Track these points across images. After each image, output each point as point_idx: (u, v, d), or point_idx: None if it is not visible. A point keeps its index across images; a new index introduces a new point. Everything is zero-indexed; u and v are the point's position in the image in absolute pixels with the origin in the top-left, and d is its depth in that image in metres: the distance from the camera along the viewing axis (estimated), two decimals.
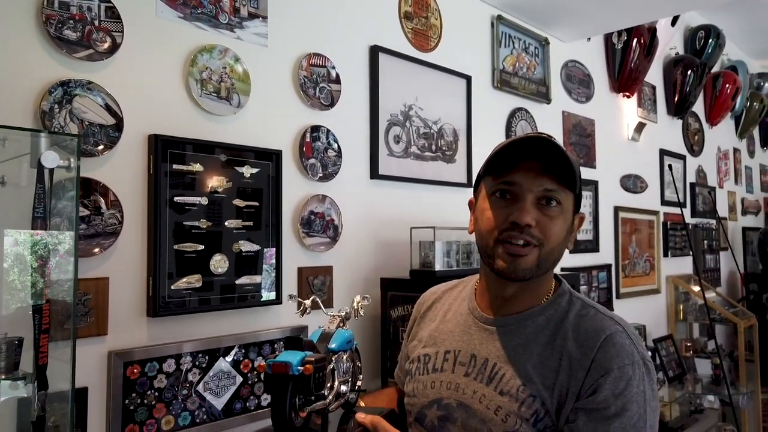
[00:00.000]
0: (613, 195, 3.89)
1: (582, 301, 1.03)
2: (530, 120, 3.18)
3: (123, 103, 1.60)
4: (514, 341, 0.99)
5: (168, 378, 1.67)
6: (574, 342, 0.95)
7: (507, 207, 0.96)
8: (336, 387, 0.96)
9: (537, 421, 0.93)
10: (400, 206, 2.41)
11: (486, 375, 0.99)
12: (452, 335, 1.08)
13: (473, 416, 0.98)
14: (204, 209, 1.76)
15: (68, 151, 1.22)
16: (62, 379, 1.33)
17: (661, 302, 4.41)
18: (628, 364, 0.91)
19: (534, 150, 0.95)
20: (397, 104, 2.42)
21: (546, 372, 0.95)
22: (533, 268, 0.96)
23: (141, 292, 1.64)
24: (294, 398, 0.85)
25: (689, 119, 4.92)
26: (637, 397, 0.90)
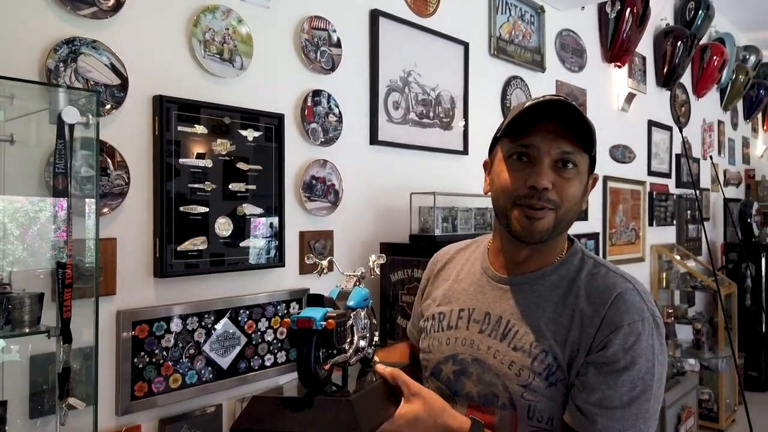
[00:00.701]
0: (602, 165, 3.94)
1: (594, 260, 1.05)
2: (525, 89, 3.20)
3: (127, 63, 1.59)
4: (527, 299, 1.02)
5: (175, 337, 1.69)
6: (585, 299, 0.98)
7: (524, 170, 0.96)
8: (355, 342, 0.99)
9: (549, 375, 0.96)
10: (400, 172, 2.42)
11: (500, 332, 1.02)
12: (466, 294, 1.10)
13: (488, 371, 1.01)
14: (209, 172, 1.76)
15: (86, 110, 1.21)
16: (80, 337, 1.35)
17: (645, 270, 4.52)
18: (638, 320, 0.94)
19: (552, 112, 0.95)
20: (396, 70, 2.42)
21: (558, 328, 0.97)
22: (549, 230, 0.97)
23: (148, 253, 1.65)
24: (318, 351, 0.88)
25: (677, 90, 4.97)
26: (646, 351, 0.93)
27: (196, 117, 1.73)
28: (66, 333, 1.21)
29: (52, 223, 1.23)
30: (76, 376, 1.40)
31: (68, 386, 1.24)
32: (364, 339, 1.04)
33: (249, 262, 1.87)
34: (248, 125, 1.87)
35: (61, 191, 1.18)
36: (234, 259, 1.83)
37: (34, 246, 1.23)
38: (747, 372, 5.06)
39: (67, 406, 1.24)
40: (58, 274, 1.19)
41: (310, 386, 0.90)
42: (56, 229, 1.29)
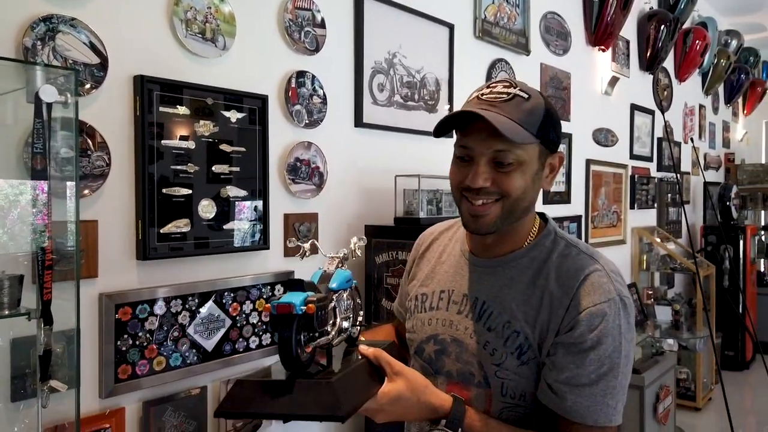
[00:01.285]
0: (585, 148, 3.97)
1: (566, 240, 1.07)
2: (510, 72, 3.20)
3: (107, 42, 1.55)
4: (500, 281, 1.05)
5: (159, 320, 1.68)
6: (555, 281, 1.00)
7: (465, 167, 1.00)
8: (338, 323, 1.00)
9: (521, 354, 1.00)
10: (384, 155, 2.42)
11: (476, 313, 1.06)
12: (446, 275, 1.14)
13: (465, 350, 1.06)
14: (191, 154, 1.74)
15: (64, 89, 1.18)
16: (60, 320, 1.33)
17: (626, 253, 4.58)
18: (605, 301, 0.96)
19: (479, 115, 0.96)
20: (381, 52, 2.40)
21: (528, 309, 1.01)
22: (497, 222, 0.99)
23: (130, 236, 1.64)
24: (299, 335, 0.89)
25: (659, 75, 5.01)
26: (613, 330, 0.95)
27: (178, 97, 1.71)
28: (47, 315, 1.20)
29: (32, 206, 1.20)
30: (59, 359, 1.39)
31: (50, 369, 1.23)
32: (347, 320, 1.06)
33: (233, 244, 1.86)
34: (231, 106, 1.84)
35: (40, 172, 1.16)
36: (218, 242, 1.82)
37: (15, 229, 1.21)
38: (723, 351, 5.18)
39: (48, 388, 1.23)
40: (38, 256, 1.17)
41: (293, 369, 0.91)
42: (37, 212, 1.26)
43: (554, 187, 3.65)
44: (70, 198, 1.20)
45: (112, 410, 1.59)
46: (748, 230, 5.52)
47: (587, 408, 0.95)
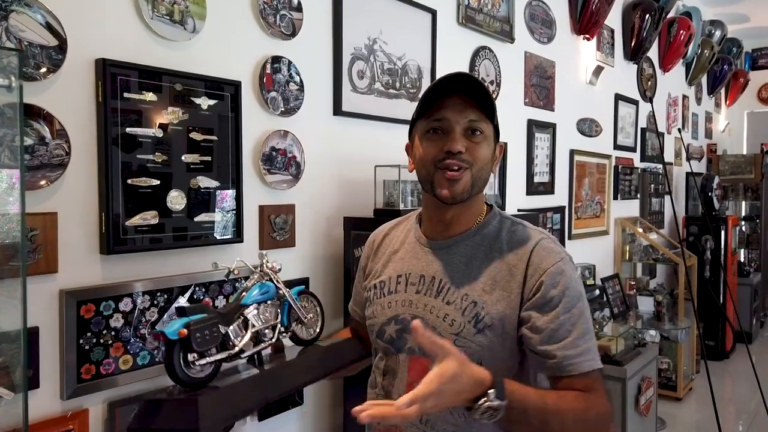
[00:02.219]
0: (569, 138, 3.93)
1: (511, 219, 1.19)
2: (494, 60, 3.13)
3: (66, 22, 1.46)
4: (455, 259, 1.14)
5: (125, 317, 1.60)
6: (509, 252, 1.12)
7: (440, 140, 1.10)
8: (248, 334, 1.13)
9: (477, 322, 1.08)
10: (364, 144, 2.35)
11: (434, 290, 1.13)
12: (402, 261, 1.21)
13: (425, 324, 1.06)
14: (158, 142, 1.66)
15: (8, 71, 1.09)
16: (10, 319, 1.25)
17: (609, 243, 4.57)
18: (559, 260, 1.09)
19: (458, 87, 1.08)
20: (361, 37, 2.32)
21: (486, 280, 1.10)
22: (469, 189, 1.10)
23: (93, 229, 1.55)
24: (180, 356, 1.00)
25: (644, 64, 4.98)
26: (571, 282, 1.08)
27: (145, 83, 1.62)
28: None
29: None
30: (14, 360, 1.31)
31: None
32: (270, 329, 1.19)
33: (205, 237, 1.78)
34: (202, 93, 1.76)
35: None
36: (188, 235, 1.74)
37: None
38: (704, 341, 5.21)
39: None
40: None
41: (185, 386, 1.02)
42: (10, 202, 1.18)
43: (537, 177, 3.60)
44: (17, 188, 1.11)
45: (74, 412, 1.52)
46: (729, 221, 5.54)
47: (575, 357, 1.03)
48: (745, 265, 6.22)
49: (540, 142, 3.60)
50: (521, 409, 0.93)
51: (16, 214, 1.20)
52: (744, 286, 5.79)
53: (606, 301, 3.92)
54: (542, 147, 3.63)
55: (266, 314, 1.19)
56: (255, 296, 1.18)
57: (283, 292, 1.24)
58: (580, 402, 1.01)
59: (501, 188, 3.24)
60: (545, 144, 3.66)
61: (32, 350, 1.44)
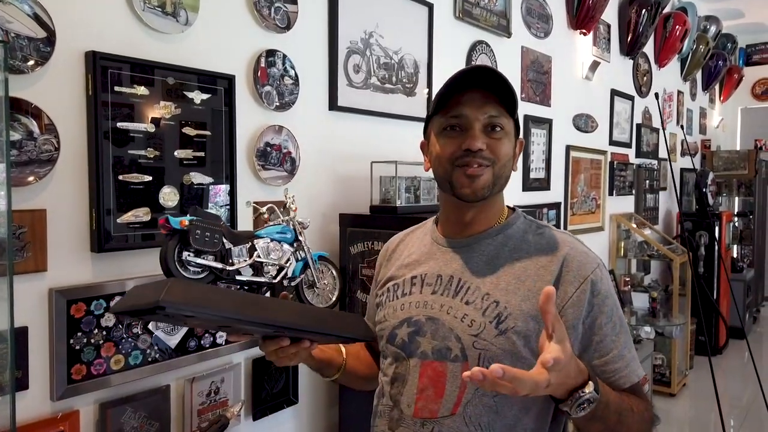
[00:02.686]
0: (565, 134, 3.91)
1: (536, 222, 1.13)
2: (490, 54, 3.10)
3: (54, 14, 1.42)
4: (476, 257, 1.07)
5: (117, 316, 1.57)
6: (538, 252, 1.05)
7: (458, 137, 1.03)
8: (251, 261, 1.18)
9: (499, 323, 1.00)
10: (360, 140, 2.31)
11: (452, 289, 1.06)
12: (418, 263, 1.14)
13: (441, 326, 1.04)
14: (151, 137, 1.62)
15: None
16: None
17: (604, 239, 4.56)
18: (596, 267, 1.03)
19: (476, 81, 1.02)
20: (357, 31, 2.28)
21: (510, 279, 1.03)
22: (490, 186, 1.04)
23: (83, 226, 1.51)
24: (176, 248, 1.06)
25: (639, 60, 4.96)
26: (609, 290, 1.03)
27: (136, 76, 1.58)
28: None
29: None
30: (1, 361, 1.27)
31: None
32: (274, 267, 1.22)
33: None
34: (195, 87, 1.72)
35: None
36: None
37: None
38: (698, 337, 5.23)
39: None
40: None
41: None
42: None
43: (533, 173, 3.58)
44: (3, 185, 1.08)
45: (65, 413, 1.48)
46: (723, 217, 5.55)
47: (623, 369, 1.00)
48: (738, 260, 6.23)
49: (536, 137, 3.58)
50: (605, 403, 0.90)
51: (2, 211, 1.16)
52: (737, 282, 5.81)
53: None
54: (538, 143, 3.61)
55: (276, 252, 1.21)
56: (271, 232, 1.19)
57: (304, 245, 1.24)
58: (640, 402, 1.00)
59: None
60: (541, 140, 3.63)
61: (21, 350, 1.40)
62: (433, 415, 1.01)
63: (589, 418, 0.89)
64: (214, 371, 1.81)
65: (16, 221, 1.36)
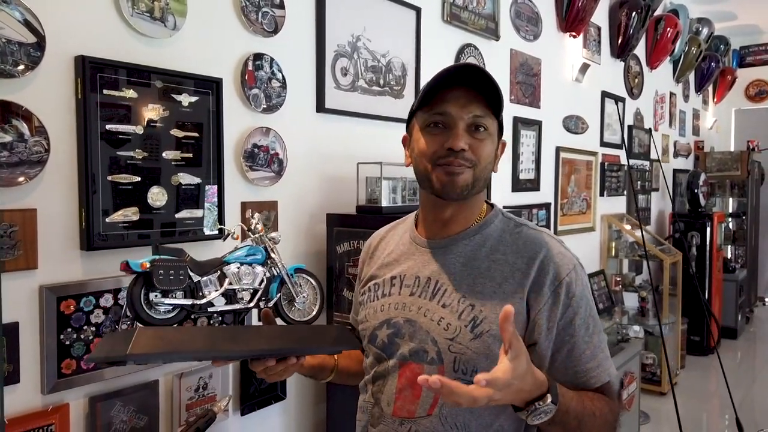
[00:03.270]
0: (555, 135, 3.96)
1: (514, 220, 1.13)
2: (479, 57, 3.15)
3: (44, 20, 1.47)
4: (453, 259, 1.08)
5: (106, 313, 1.62)
6: (514, 255, 1.05)
7: (441, 135, 1.03)
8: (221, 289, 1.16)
9: (474, 327, 1.02)
10: (347, 141, 2.36)
11: (429, 292, 1.07)
12: (397, 263, 1.15)
13: (419, 329, 1.06)
14: (139, 139, 1.67)
15: None
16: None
17: (595, 240, 4.61)
18: (572, 269, 1.04)
19: (463, 79, 1.01)
20: (344, 35, 2.33)
21: (486, 282, 1.04)
22: (469, 186, 1.04)
23: (73, 225, 1.56)
24: (141, 291, 1.05)
25: (630, 62, 5.01)
26: (584, 292, 1.04)
27: (125, 80, 1.63)
28: None
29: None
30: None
31: None
32: (248, 292, 1.19)
33: (186, 233, 1.79)
34: (183, 90, 1.77)
35: None
36: (170, 231, 1.75)
37: None
38: (689, 337, 5.27)
39: None
40: None
41: (142, 323, 1.05)
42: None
43: (523, 174, 3.63)
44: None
45: (55, 406, 1.53)
46: (715, 217, 5.59)
47: (595, 369, 1.02)
48: (731, 261, 6.28)
49: (525, 139, 3.63)
50: (564, 410, 0.93)
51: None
52: (729, 282, 5.85)
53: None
54: (528, 144, 3.66)
55: (247, 277, 1.16)
56: (239, 256, 1.16)
57: (277, 263, 1.19)
58: (604, 404, 1.01)
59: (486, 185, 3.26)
60: (531, 141, 3.68)
61: (12, 345, 1.45)
62: (411, 415, 1.04)
63: (547, 423, 0.91)
64: (203, 367, 1.86)
65: (7, 220, 1.41)
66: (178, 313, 1.03)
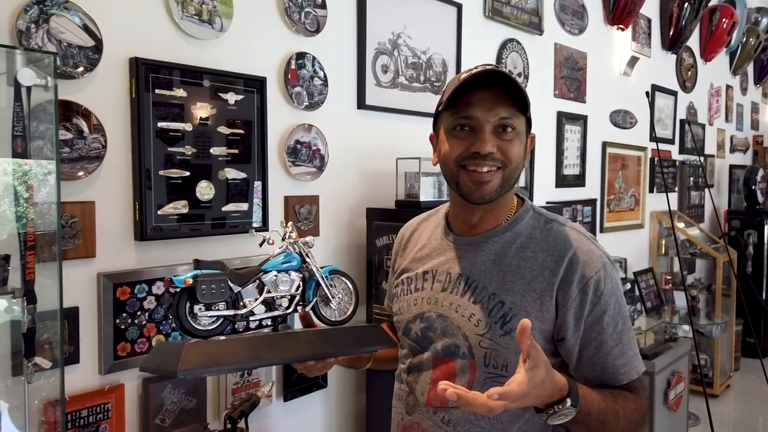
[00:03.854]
0: (601, 130, 3.89)
1: (545, 216, 1.13)
2: (521, 52, 3.14)
3: (102, 24, 1.57)
4: (484, 256, 1.09)
5: (158, 300, 1.72)
6: (544, 252, 1.06)
7: (467, 138, 1.03)
8: (260, 298, 1.17)
9: (504, 324, 1.04)
10: (387, 137, 2.41)
11: (460, 288, 1.09)
12: (429, 257, 1.17)
13: (451, 324, 1.09)
14: (189, 136, 1.76)
15: (46, 72, 1.20)
16: (53, 298, 1.37)
17: (644, 237, 4.50)
18: (601, 267, 1.04)
19: (487, 81, 1.01)
20: (385, 32, 2.38)
21: (516, 279, 1.05)
22: (498, 190, 1.05)
23: (128, 217, 1.66)
24: (185, 305, 1.06)
25: (683, 54, 4.86)
26: (613, 290, 1.04)
27: (175, 80, 1.72)
28: (30, 294, 1.23)
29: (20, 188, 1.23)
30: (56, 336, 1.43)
31: (34, 346, 1.26)
32: (287, 299, 1.21)
33: (232, 226, 1.88)
34: (229, 89, 1.85)
35: (21, 154, 1.18)
36: (216, 223, 1.84)
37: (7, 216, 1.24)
38: (744, 338, 5.07)
39: (33, 365, 1.26)
40: (20, 237, 1.20)
41: (189, 335, 1.07)
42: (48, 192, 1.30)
43: (567, 169, 3.59)
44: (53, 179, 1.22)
45: (111, 386, 1.64)
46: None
47: (623, 367, 1.03)
48: None
49: (570, 134, 3.58)
50: (586, 412, 0.94)
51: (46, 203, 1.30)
52: None
53: (639, 296, 3.88)
54: (572, 139, 3.62)
55: (285, 284, 1.20)
56: (276, 263, 1.19)
57: (312, 267, 1.24)
58: (630, 402, 1.02)
59: (529, 180, 3.24)
60: (575, 136, 3.64)
61: (73, 328, 1.56)
62: (444, 405, 1.08)
63: (569, 423, 0.93)
64: None
65: (68, 212, 1.52)
66: (221, 323, 1.11)
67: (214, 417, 1.88)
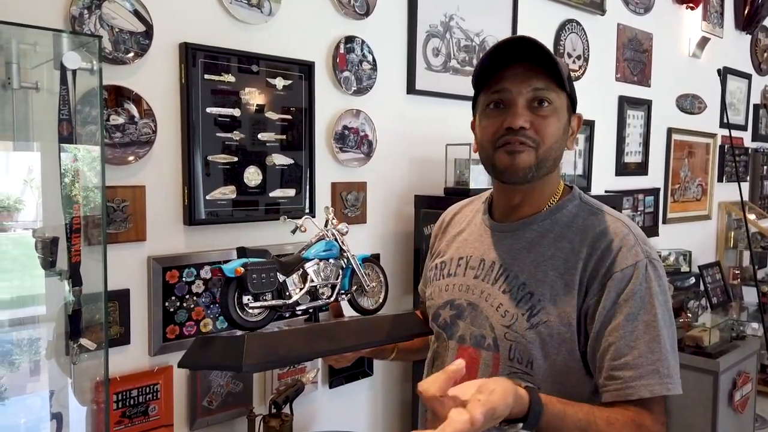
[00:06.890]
0: (667, 116, 3.69)
1: (591, 206, 1.06)
2: (581, 33, 2.99)
3: (152, 9, 1.58)
4: (518, 244, 1.05)
5: (205, 284, 1.73)
6: (581, 242, 0.99)
7: (500, 115, 0.98)
8: (305, 287, 1.13)
9: (531, 316, 0.98)
10: (436, 122, 2.34)
11: (492, 276, 1.05)
12: (466, 243, 1.14)
13: (479, 314, 1.05)
14: (237, 121, 1.76)
15: (93, 56, 1.21)
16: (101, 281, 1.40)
17: (711, 229, 4.26)
18: (632, 264, 0.95)
19: (518, 53, 0.96)
20: (436, 14, 2.31)
21: (548, 270, 0.99)
22: (532, 168, 0.98)
23: (177, 201, 1.68)
24: (235, 296, 1.01)
25: (759, 35, 4.54)
26: (640, 291, 0.94)
27: (224, 65, 1.72)
28: (75, 276, 1.25)
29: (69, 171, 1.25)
30: (109, 317, 1.46)
31: (81, 327, 1.29)
32: (328, 287, 1.18)
33: (279, 211, 1.88)
34: (277, 73, 1.84)
35: (66, 138, 1.20)
36: (264, 209, 1.84)
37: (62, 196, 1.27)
38: None
39: (78, 346, 1.30)
40: (66, 220, 1.22)
41: (235, 326, 1.03)
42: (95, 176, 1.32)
43: (628, 157, 3.42)
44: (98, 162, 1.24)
45: (160, 368, 1.67)
46: None
47: (634, 380, 0.91)
48: None
49: (633, 119, 3.41)
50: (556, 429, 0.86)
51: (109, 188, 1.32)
52: None
53: (704, 290, 3.68)
54: (635, 125, 3.44)
55: (326, 272, 1.18)
56: (318, 252, 1.16)
57: (347, 254, 1.22)
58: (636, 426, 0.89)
59: (587, 168, 3.11)
60: (638, 122, 3.46)
61: (124, 310, 1.60)
62: None
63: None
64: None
65: (120, 196, 1.55)
66: (269, 314, 1.08)
67: (260, 401, 1.89)
